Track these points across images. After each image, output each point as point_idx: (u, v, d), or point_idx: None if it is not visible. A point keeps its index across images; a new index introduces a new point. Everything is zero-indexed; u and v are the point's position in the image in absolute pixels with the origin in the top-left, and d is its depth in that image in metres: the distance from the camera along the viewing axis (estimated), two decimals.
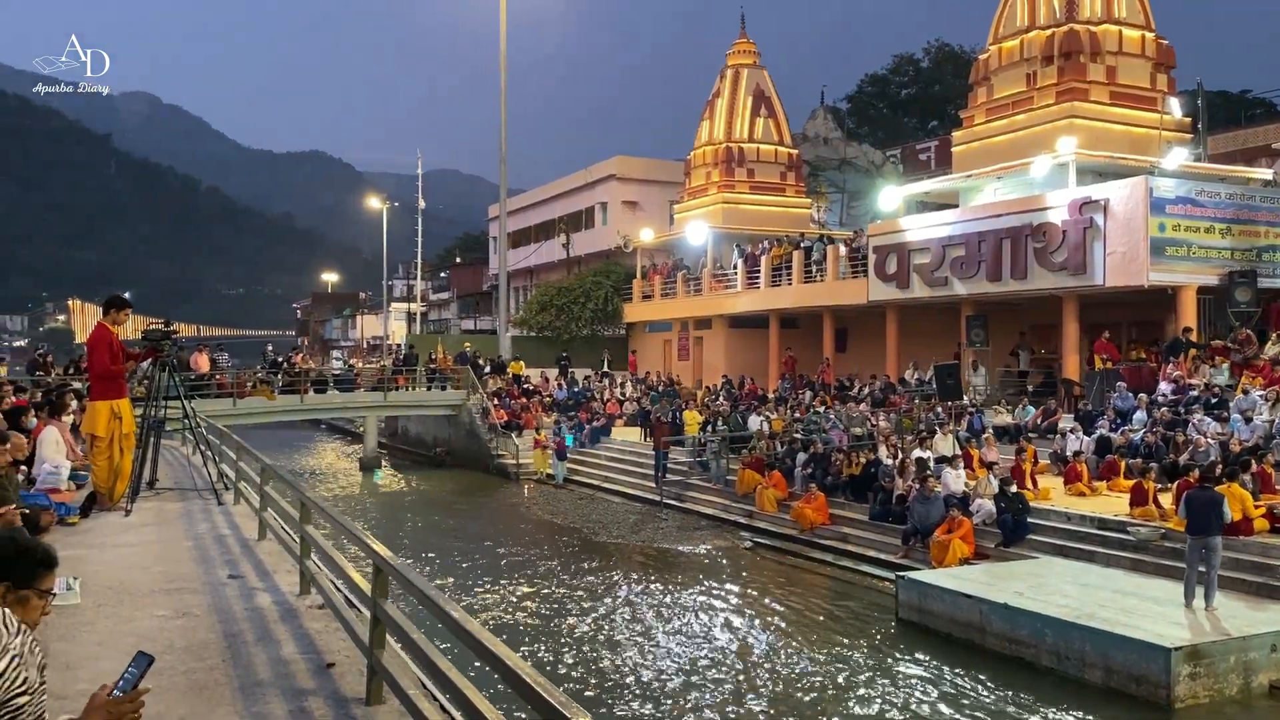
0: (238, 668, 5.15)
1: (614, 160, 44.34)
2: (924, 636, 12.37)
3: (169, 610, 6.25)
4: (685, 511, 21.32)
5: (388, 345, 56.89)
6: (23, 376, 24.22)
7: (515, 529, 20.94)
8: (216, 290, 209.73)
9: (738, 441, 22.37)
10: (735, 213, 35.92)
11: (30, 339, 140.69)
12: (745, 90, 36.69)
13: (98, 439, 9.77)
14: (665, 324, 37.14)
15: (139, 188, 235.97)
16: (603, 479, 25.29)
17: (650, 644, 12.38)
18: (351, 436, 42.51)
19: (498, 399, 30.63)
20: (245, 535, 8.89)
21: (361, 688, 4.74)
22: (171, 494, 11.32)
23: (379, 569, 4.64)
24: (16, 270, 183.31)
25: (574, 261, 44.22)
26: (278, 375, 30.31)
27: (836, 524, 17.59)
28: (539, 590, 15.19)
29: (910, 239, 25.38)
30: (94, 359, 9.97)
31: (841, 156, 43.38)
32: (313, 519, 6.76)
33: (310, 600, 6.51)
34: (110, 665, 5.06)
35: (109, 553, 7.90)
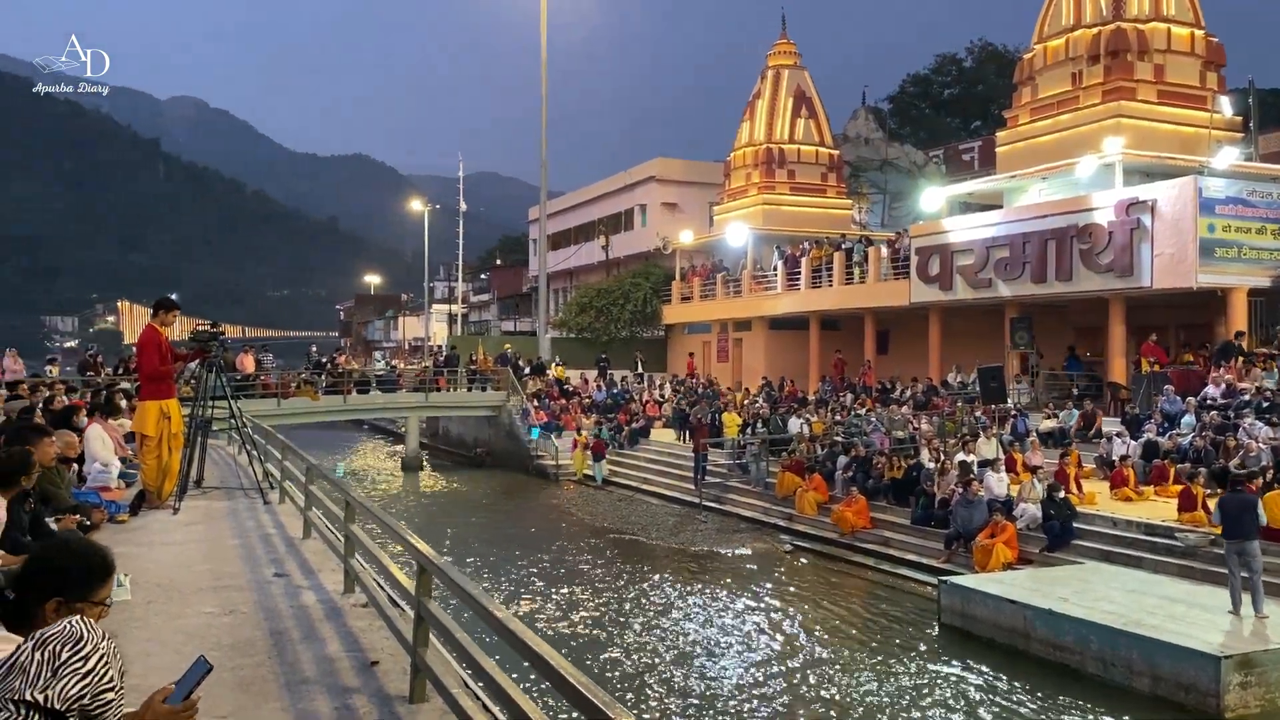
0: (283, 665, 5.21)
1: (653, 162, 44.37)
2: (966, 642, 12.25)
3: (216, 607, 6.34)
4: (724, 514, 21.28)
5: (429, 346, 57.35)
6: (74, 377, 24.75)
7: (555, 530, 21.02)
8: (262, 292, 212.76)
9: (778, 444, 22.29)
10: (776, 214, 35.80)
11: (80, 340, 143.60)
12: (786, 91, 36.55)
13: (147, 438, 9.93)
14: (704, 325, 37.11)
15: (187, 191, 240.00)
16: (641, 480, 25.31)
17: (689, 646, 12.37)
18: (394, 437, 42.92)
19: (537, 400, 30.77)
20: (290, 534, 8.99)
21: (405, 686, 4.78)
22: (218, 493, 11.48)
23: (423, 568, 4.67)
24: (68, 272, 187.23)
25: (613, 263, 44.30)
26: (321, 376, 30.70)
27: (877, 527, 17.48)
28: (579, 591, 15.23)
29: (953, 240, 25.14)
30: (143, 360, 10.14)
31: (883, 157, 43.05)
32: (357, 518, 6.83)
33: (354, 599, 6.58)
34: (160, 661, 5.15)
35: (158, 550, 8.03)
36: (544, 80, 36.78)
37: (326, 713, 4.51)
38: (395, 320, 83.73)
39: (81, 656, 2.25)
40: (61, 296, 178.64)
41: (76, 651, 2.25)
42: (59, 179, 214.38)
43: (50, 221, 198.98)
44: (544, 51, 36.45)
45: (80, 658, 2.25)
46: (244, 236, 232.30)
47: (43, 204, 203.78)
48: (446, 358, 35.77)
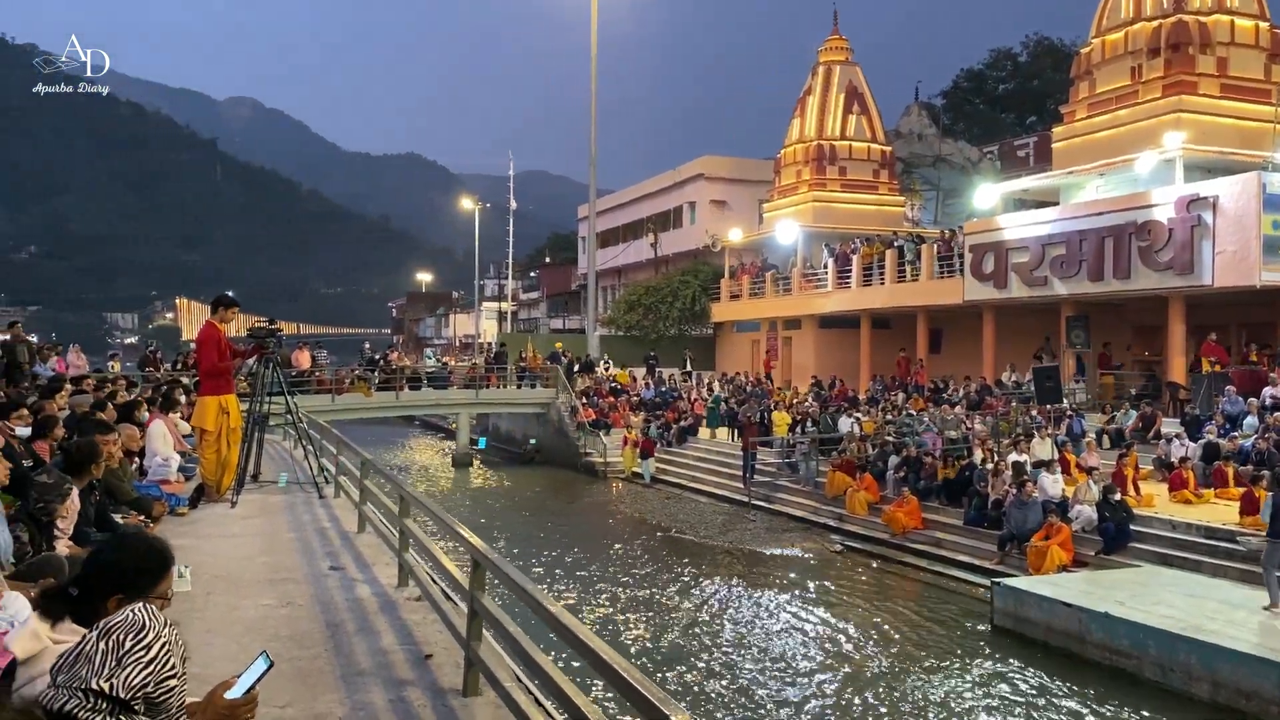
0: (339, 657, 5.30)
1: (702, 160, 44.29)
2: (1020, 644, 12.09)
3: (274, 600, 6.46)
4: (773, 513, 21.19)
5: (479, 344, 57.82)
6: (134, 372, 25.32)
7: (604, 527, 21.08)
8: (316, 289, 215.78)
9: (827, 443, 22.14)
10: (826, 211, 35.55)
11: (140, 336, 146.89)
12: (837, 87, 36.27)
13: (206, 433, 10.15)
14: (753, 324, 36.97)
15: (243, 190, 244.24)
16: (690, 478, 25.28)
17: (739, 644, 12.35)
18: (444, 433, 43.30)
19: (586, 398, 30.88)
20: (345, 528, 9.14)
21: (459, 679, 4.84)
22: (274, 486, 11.70)
23: (477, 563, 4.73)
24: (129, 270, 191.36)
25: (662, 261, 44.30)
26: (374, 372, 31.10)
27: (929, 528, 17.30)
28: (627, 588, 15.26)
29: (1008, 238, 24.79)
30: (203, 356, 10.36)
31: (936, 153, 42.53)
32: (411, 513, 6.92)
33: (408, 592, 6.67)
34: (220, 651, 5.27)
35: (217, 543, 8.20)
36: (593, 78, 36.88)
37: (382, 705, 4.58)
38: (446, 318, 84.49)
39: (144, 645, 2.31)
40: (122, 294, 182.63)
41: (139, 640, 2.31)
42: (120, 179, 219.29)
43: (112, 220, 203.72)
44: (594, 49, 36.55)
45: (143, 646, 2.31)
46: (299, 235, 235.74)
47: (105, 203, 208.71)
48: (496, 355, 36.03)
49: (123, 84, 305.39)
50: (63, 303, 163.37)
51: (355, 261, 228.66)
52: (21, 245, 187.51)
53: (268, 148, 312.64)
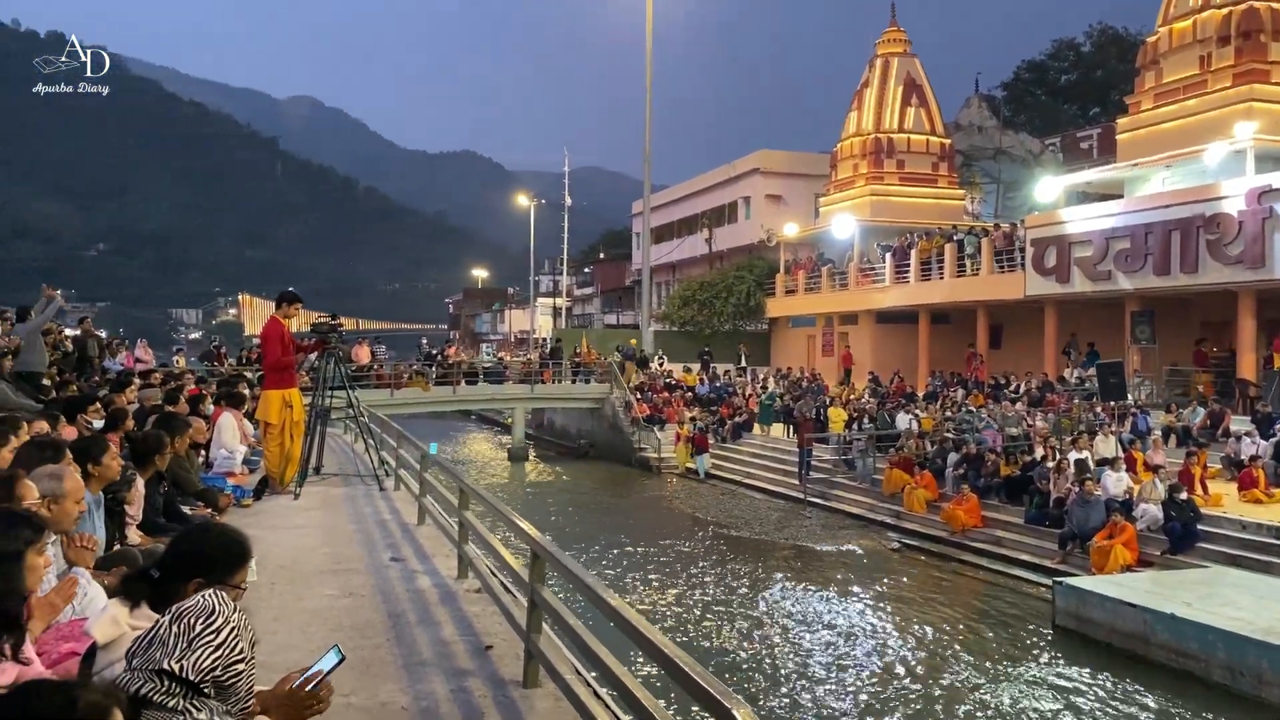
0: (401, 647, 5.37)
1: (757, 154, 44.07)
2: (1082, 645, 11.88)
3: (336, 590, 6.56)
4: (829, 510, 21.05)
5: (534, 339, 58.19)
6: (198, 367, 25.90)
7: (659, 522, 21.11)
8: (375, 285, 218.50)
9: (885, 440, 21.93)
10: (884, 205, 35.18)
11: (204, 331, 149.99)
12: (895, 79, 35.86)
13: (270, 426, 10.34)
14: (809, 319, 36.71)
15: (303, 188, 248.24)
16: (745, 474, 25.20)
17: (795, 642, 12.29)
18: (500, 427, 43.68)
19: (640, 393, 30.92)
20: (405, 520, 9.26)
21: (518, 671, 4.87)
22: (336, 479, 11.88)
23: (536, 555, 4.76)
24: (193, 267, 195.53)
25: (716, 256, 44.19)
26: (432, 367, 31.49)
27: (989, 526, 17.06)
28: (681, 583, 15.27)
29: (1071, 231, 24.32)
30: (267, 350, 10.56)
31: (997, 146, 41.82)
32: (470, 505, 6.99)
33: (468, 584, 6.73)
34: (285, 640, 5.37)
35: (281, 534, 8.34)
36: (649, 73, 36.88)
37: (443, 695, 4.64)
38: (501, 313, 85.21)
39: (214, 629, 2.33)
40: (187, 290, 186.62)
41: (209, 625, 2.34)
42: (185, 177, 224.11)
43: (177, 218, 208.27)
44: (649, 45, 36.54)
45: (213, 630, 2.33)
46: (358, 232, 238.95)
47: (170, 202, 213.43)
48: (551, 350, 36.24)
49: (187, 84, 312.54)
50: (130, 299, 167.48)
51: (412, 258, 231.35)
52: (90, 243, 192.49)
53: (327, 146, 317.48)
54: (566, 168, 60.12)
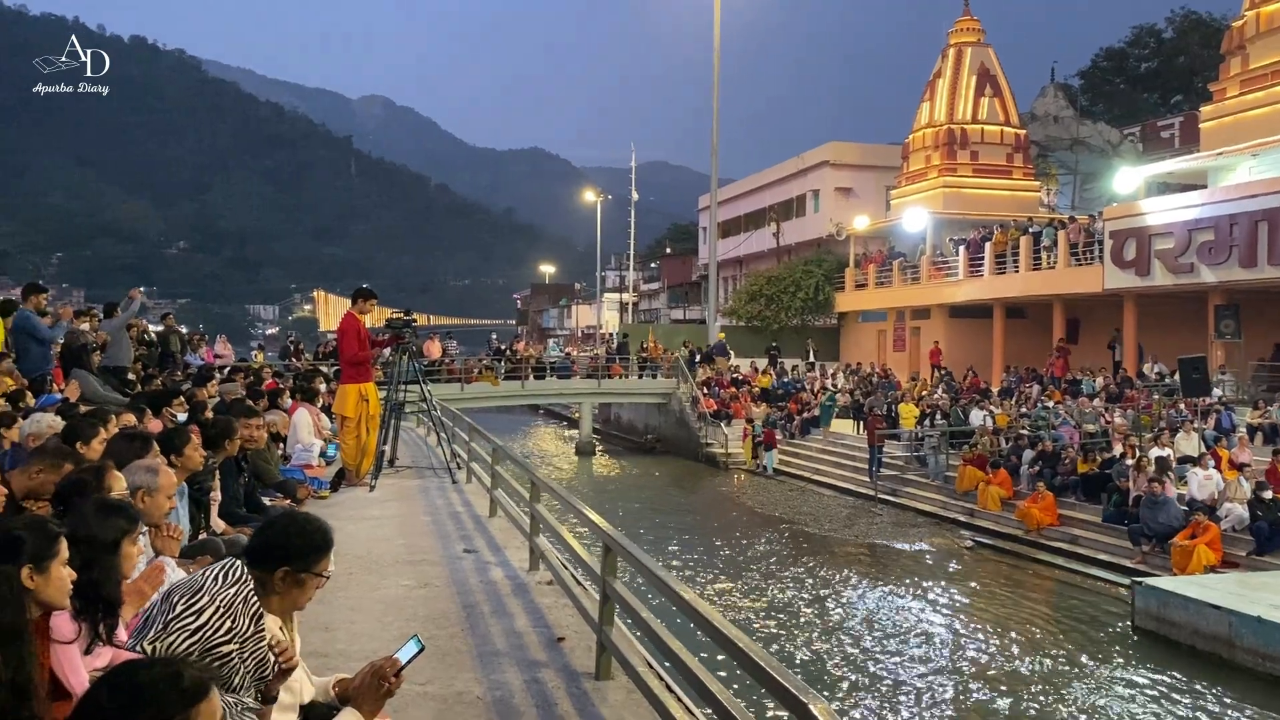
0: (475, 637, 5.44)
1: (827, 146, 43.61)
2: (1163, 647, 11.56)
3: (412, 580, 6.67)
4: (900, 507, 20.78)
5: (600, 334, 58.41)
6: (276, 362, 26.51)
7: (726, 518, 21.05)
8: (445, 281, 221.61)
9: (958, 436, 21.57)
10: (957, 197, 34.57)
11: (280, 327, 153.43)
12: (969, 69, 35.19)
13: (346, 419, 10.54)
14: (879, 314, 36.24)
15: (376, 186, 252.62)
16: (813, 471, 25.00)
17: (866, 639, 12.16)
18: (567, 422, 43.96)
19: (707, 388, 30.86)
20: (477, 512, 9.37)
21: (591, 662, 4.90)
22: (410, 472, 12.07)
23: (608, 548, 4.78)
24: (270, 264, 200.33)
25: (784, 250, 43.84)
26: (501, 362, 31.80)
27: (1066, 525, 16.68)
28: (750, 578, 15.22)
29: (1151, 223, 23.63)
30: (344, 345, 10.75)
31: (1074, 136, 40.78)
32: (541, 498, 7.05)
33: (540, 576, 6.79)
34: (362, 629, 5.48)
35: (357, 525, 8.50)
36: (716, 68, 36.72)
37: (517, 685, 4.68)
38: (568, 309, 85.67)
39: (194, 610, 2.24)
40: (264, 286, 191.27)
41: (191, 604, 2.24)
42: (263, 176, 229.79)
43: (255, 216, 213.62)
44: (717, 39, 36.38)
45: (193, 611, 2.23)
46: (429, 229, 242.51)
47: (249, 200, 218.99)
48: (618, 346, 36.34)
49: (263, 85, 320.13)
50: (209, 295, 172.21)
51: (482, 254, 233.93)
52: (172, 241, 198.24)
53: (399, 144, 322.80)
54: (633, 163, 60.21)
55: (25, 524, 2.79)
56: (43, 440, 5.46)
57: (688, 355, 32.75)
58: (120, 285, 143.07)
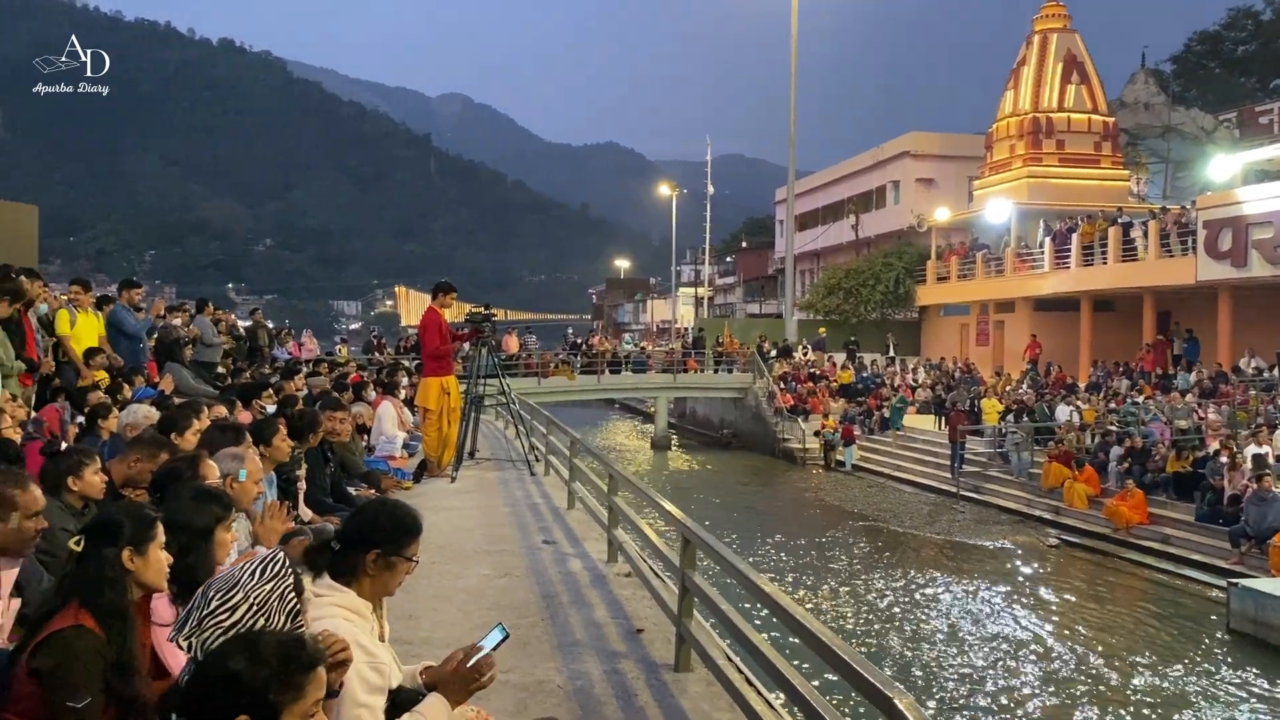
0: (555, 627, 5.49)
1: (907, 136, 42.91)
2: (1260, 651, 11.16)
3: (492, 570, 6.76)
4: (983, 504, 20.39)
5: (675, 329, 58.38)
6: (359, 356, 27.12)
7: (803, 514, 20.89)
8: (522, 277, 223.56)
9: (1042, 432, 21.05)
10: (1042, 187, 33.72)
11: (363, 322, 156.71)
12: (1054, 55, 34.29)
13: (428, 412, 10.72)
14: (962, 307, 35.54)
15: (455, 183, 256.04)
16: (894, 467, 24.66)
17: (948, 638, 11.97)
18: (642, 416, 44.07)
19: (783, 383, 30.63)
20: (556, 504, 9.45)
21: (670, 654, 4.91)
22: (489, 464, 12.23)
23: (687, 540, 4.77)
24: (353, 261, 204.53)
25: (863, 243, 43.27)
26: (577, 356, 32.01)
27: (1156, 524, 16.18)
28: (829, 575, 15.09)
29: (1249, 212, 22.74)
30: (425, 339, 10.94)
31: (1165, 123, 39.43)
32: (619, 491, 7.07)
33: (618, 568, 6.82)
34: (444, 617, 5.56)
35: (439, 515, 8.63)
36: (793, 59, 36.38)
37: (597, 675, 4.71)
38: (643, 303, 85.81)
39: (229, 606, 2.18)
40: (347, 283, 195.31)
41: (225, 600, 2.19)
42: (346, 174, 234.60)
43: (338, 214, 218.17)
44: (794, 29, 36.04)
45: (227, 607, 2.18)
46: (506, 224, 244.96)
47: (332, 198, 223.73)
48: (693, 340, 36.30)
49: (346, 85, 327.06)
50: (295, 291, 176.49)
51: (557, 249, 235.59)
52: (259, 238, 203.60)
53: (477, 142, 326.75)
54: (709, 156, 59.97)
55: (124, 509, 2.90)
56: (139, 431, 5.67)
57: (762, 349, 32.51)
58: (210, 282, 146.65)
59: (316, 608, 2.70)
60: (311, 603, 2.73)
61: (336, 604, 2.74)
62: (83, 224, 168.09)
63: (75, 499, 4.12)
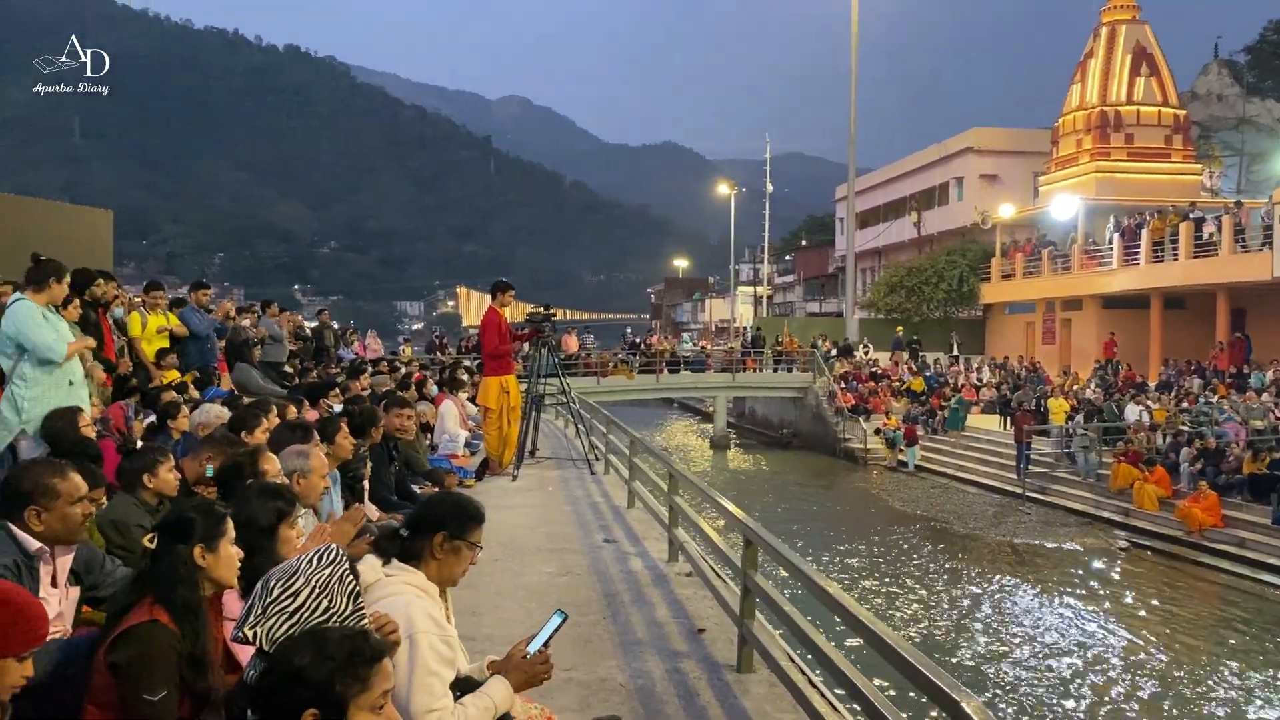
0: (617, 625, 5.50)
1: (970, 132, 42.21)
2: None
3: (554, 568, 6.80)
4: (1049, 505, 20.00)
5: (734, 328, 58.16)
6: (422, 355, 27.49)
7: (865, 514, 20.68)
8: (580, 277, 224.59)
9: (1111, 433, 20.58)
10: (1110, 182, 32.95)
11: (425, 322, 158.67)
12: (1123, 47, 33.49)
13: (489, 411, 10.83)
14: (1028, 305, 34.89)
15: (514, 184, 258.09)
16: (957, 468, 24.29)
17: (1015, 641, 11.76)
18: (701, 416, 43.96)
19: (844, 382, 30.35)
20: (616, 503, 9.48)
21: (732, 655, 4.89)
22: (550, 462, 12.31)
23: (749, 541, 4.76)
24: (415, 261, 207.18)
25: (925, 240, 42.69)
26: (636, 356, 32.06)
27: (1231, 526, 15.72)
28: (892, 576, 14.92)
29: None
30: (485, 339, 11.04)
31: (1239, 115, 38.38)
32: (679, 490, 7.07)
33: (678, 567, 6.82)
34: (507, 614, 5.61)
35: (501, 513, 8.70)
36: (854, 56, 36.01)
37: (659, 674, 4.72)
38: (701, 303, 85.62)
39: (291, 592, 2.23)
40: (410, 284, 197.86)
41: (288, 586, 2.24)
42: (409, 177, 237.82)
43: (401, 216, 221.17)
44: (854, 25, 35.69)
45: (290, 593, 2.23)
46: (564, 225, 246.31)
47: (395, 200, 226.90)
48: (752, 339, 36.13)
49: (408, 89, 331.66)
50: (359, 292, 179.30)
51: (615, 249, 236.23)
52: (325, 240, 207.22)
53: (536, 143, 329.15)
54: (768, 155, 59.66)
55: (195, 507, 2.97)
56: (211, 430, 5.81)
57: (818, 346, 32.21)
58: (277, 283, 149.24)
59: (387, 585, 2.79)
60: (382, 582, 2.80)
61: (407, 582, 2.84)
62: (155, 227, 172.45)
63: (150, 495, 4.24)
